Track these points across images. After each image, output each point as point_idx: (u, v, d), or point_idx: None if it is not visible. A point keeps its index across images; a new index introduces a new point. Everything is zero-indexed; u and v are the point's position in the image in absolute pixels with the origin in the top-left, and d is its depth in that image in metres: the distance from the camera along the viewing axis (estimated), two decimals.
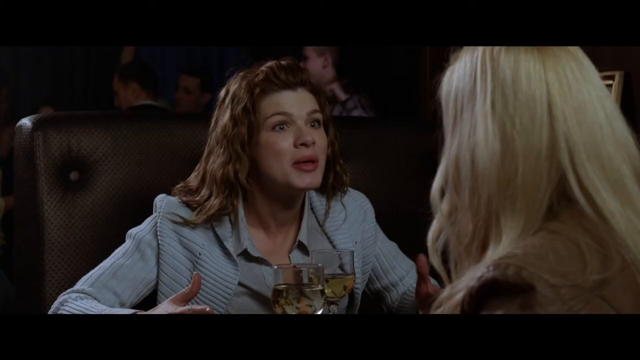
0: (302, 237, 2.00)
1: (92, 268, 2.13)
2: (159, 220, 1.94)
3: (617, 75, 2.59)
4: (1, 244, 4.00)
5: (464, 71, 1.20)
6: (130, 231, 1.96)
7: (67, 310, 1.85)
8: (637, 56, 2.58)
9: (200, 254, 1.92)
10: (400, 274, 2.12)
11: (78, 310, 1.83)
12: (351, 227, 2.06)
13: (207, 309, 1.69)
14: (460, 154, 1.18)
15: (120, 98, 4.71)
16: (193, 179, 1.99)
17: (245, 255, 1.96)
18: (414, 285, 2.11)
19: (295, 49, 4.38)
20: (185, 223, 1.93)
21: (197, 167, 2.01)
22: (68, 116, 2.22)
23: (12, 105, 4.92)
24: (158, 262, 1.93)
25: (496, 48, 1.18)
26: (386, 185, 2.45)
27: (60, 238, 2.12)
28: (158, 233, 1.93)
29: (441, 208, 1.21)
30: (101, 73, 5.49)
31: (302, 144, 1.90)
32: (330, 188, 2.03)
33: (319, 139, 1.93)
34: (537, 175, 1.14)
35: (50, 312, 1.90)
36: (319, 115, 1.96)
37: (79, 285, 1.91)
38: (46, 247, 2.11)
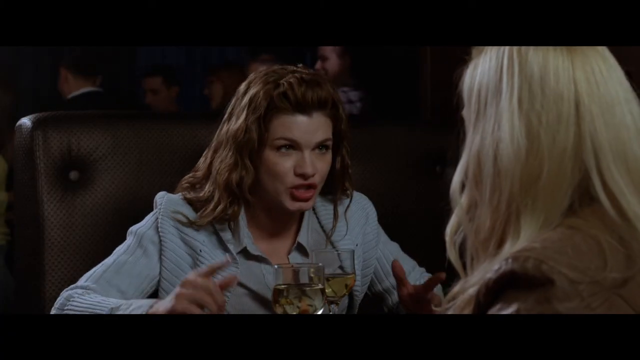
0: (302, 239, 2.00)
1: (92, 267, 2.13)
2: (159, 217, 1.93)
3: None
4: (7, 240, 3.98)
5: (489, 65, 1.18)
6: (131, 228, 1.96)
7: (74, 306, 1.83)
8: (637, 56, 2.58)
9: (201, 250, 1.92)
10: None
11: (87, 305, 1.82)
12: (352, 230, 2.05)
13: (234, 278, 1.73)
14: (482, 149, 1.17)
15: (58, 84, 4.56)
16: (201, 166, 1.98)
17: (245, 253, 1.95)
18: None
19: (294, 48, 4.38)
20: (190, 224, 1.93)
21: (205, 153, 1.99)
22: (68, 116, 2.22)
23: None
24: (160, 258, 1.92)
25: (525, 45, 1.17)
26: (386, 185, 2.46)
27: (60, 238, 2.12)
28: (159, 229, 1.92)
29: (460, 202, 1.20)
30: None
31: (301, 174, 1.89)
32: (337, 203, 2.03)
33: (322, 167, 1.91)
34: (560, 175, 1.13)
35: (55, 309, 1.88)
36: (329, 142, 1.93)
37: (82, 282, 1.90)
38: (46, 246, 2.11)
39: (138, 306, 1.75)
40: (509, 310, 1.07)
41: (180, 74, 5.87)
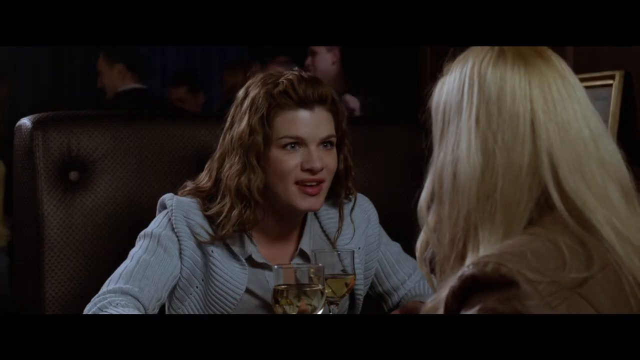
0: (304, 245, 1.99)
1: (92, 268, 2.12)
2: (172, 217, 1.92)
3: (617, 75, 2.58)
4: (7, 241, 3.97)
5: (453, 85, 1.22)
6: (143, 232, 1.94)
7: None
8: (637, 56, 2.58)
9: (212, 251, 1.92)
10: (401, 278, 2.11)
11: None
12: (355, 233, 2.05)
13: None
14: (444, 166, 1.21)
15: (105, 79, 4.67)
16: (205, 180, 1.97)
17: (250, 261, 1.95)
18: (416, 287, 2.11)
19: (293, 48, 4.38)
20: (212, 241, 1.91)
21: (208, 165, 1.98)
22: (68, 116, 2.21)
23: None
24: (180, 256, 1.91)
25: (485, 63, 1.20)
26: (386, 185, 2.45)
27: (60, 238, 2.11)
28: (175, 229, 1.91)
29: (427, 220, 1.24)
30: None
31: (309, 169, 1.88)
32: (342, 204, 2.02)
33: (329, 162, 1.91)
34: (517, 191, 1.16)
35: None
36: (333, 138, 1.93)
37: (111, 285, 1.84)
38: (46, 247, 2.11)
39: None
40: (472, 312, 1.10)
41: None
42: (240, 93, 1.95)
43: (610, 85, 2.58)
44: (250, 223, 1.91)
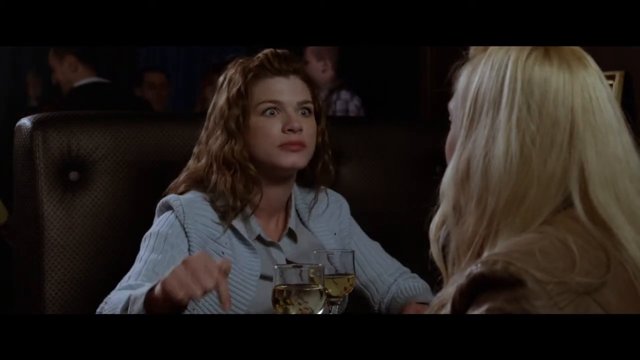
0: (292, 224, 2.04)
1: (92, 268, 2.12)
2: (183, 214, 1.92)
3: (617, 75, 2.59)
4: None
5: (489, 75, 1.18)
6: (148, 232, 1.93)
7: (107, 308, 1.80)
8: (637, 56, 2.59)
9: (226, 243, 1.94)
10: (377, 270, 2.14)
11: (115, 301, 1.78)
12: (330, 219, 2.11)
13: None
14: (473, 158, 1.18)
15: (57, 74, 4.39)
16: (193, 164, 2.01)
17: (259, 240, 1.98)
18: (407, 288, 2.11)
19: (295, 49, 4.39)
20: (224, 229, 1.93)
21: (195, 149, 2.03)
22: (68, 116, 2.21)
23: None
24: (189, 253, 1.91)
25: (530, 61, 1.17)
26: (386, 185, 2.46)
27: (60, 238, 2.11)
28: (184, 225, 1.92)
29: (448, 198, 1.21)
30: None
31: (290, 130, 1.94)
32: (318, 175, 2.06)
33: (308, 126, 1.98)
34: (544, 199, 1.15)
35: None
36: (310, 105, 2.00)
37: (120, 287, 1.85)
38: (46, 247, 2.11)
39: (147, 286, 1.72)
40: (480, 311, 1.09)
41: (180, 74, 5.90)
42: (221, 78, 2.03)
43: (611, 85, 2.58)
44: (242, 192, 1.94)
